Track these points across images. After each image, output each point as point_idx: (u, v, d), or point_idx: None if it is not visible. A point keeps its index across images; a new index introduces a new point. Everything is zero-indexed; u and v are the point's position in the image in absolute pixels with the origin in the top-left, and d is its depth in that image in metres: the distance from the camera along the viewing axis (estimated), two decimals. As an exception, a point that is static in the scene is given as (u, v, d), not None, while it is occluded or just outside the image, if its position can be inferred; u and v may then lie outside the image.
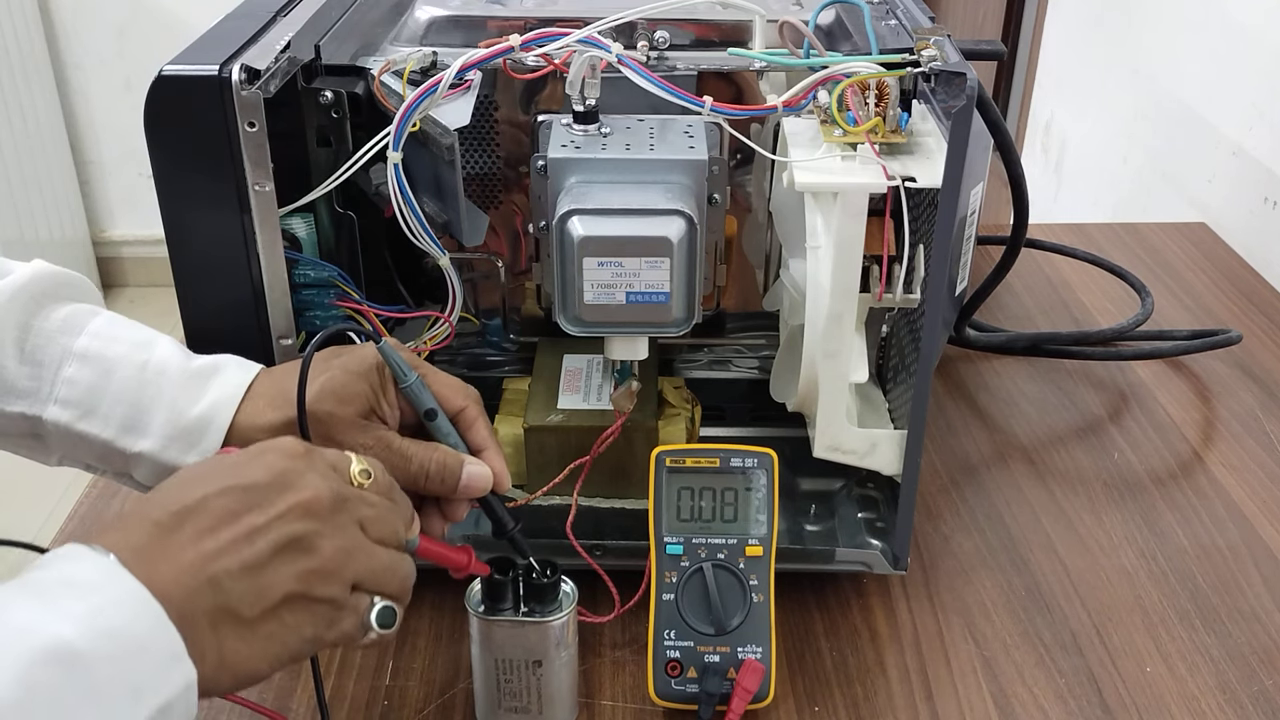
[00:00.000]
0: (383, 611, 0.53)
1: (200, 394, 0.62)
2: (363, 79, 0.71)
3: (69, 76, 2.68)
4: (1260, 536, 0.84)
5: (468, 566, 0.61)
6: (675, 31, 0.78)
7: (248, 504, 0.49)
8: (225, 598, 0.47)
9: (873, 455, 0.74)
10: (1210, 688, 0.72)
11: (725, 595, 0.68)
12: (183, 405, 0.61)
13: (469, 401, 0.65)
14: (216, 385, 0.62)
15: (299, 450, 0.52)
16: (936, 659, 0.74)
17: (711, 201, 0.70)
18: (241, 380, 0.62)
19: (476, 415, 0.65)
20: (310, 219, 0.71)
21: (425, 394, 0.63)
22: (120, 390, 0.61)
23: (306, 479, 0.51)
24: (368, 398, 0.62)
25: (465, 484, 0.63)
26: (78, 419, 0.61)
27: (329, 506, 0.51)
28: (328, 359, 0.63)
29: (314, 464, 0.52)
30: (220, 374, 0.63)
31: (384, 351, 0.62)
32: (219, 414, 0.61)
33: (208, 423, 0.61)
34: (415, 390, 0.63)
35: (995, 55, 0.80)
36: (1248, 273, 1.21)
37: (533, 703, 0.66)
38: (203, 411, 0.61)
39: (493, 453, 0.65)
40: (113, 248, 2.87)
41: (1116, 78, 1.59)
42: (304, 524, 0.50)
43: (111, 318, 0.64)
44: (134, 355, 0.62)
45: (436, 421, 0.63)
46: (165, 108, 0.63)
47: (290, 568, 0.49)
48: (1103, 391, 1.01)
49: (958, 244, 0.70)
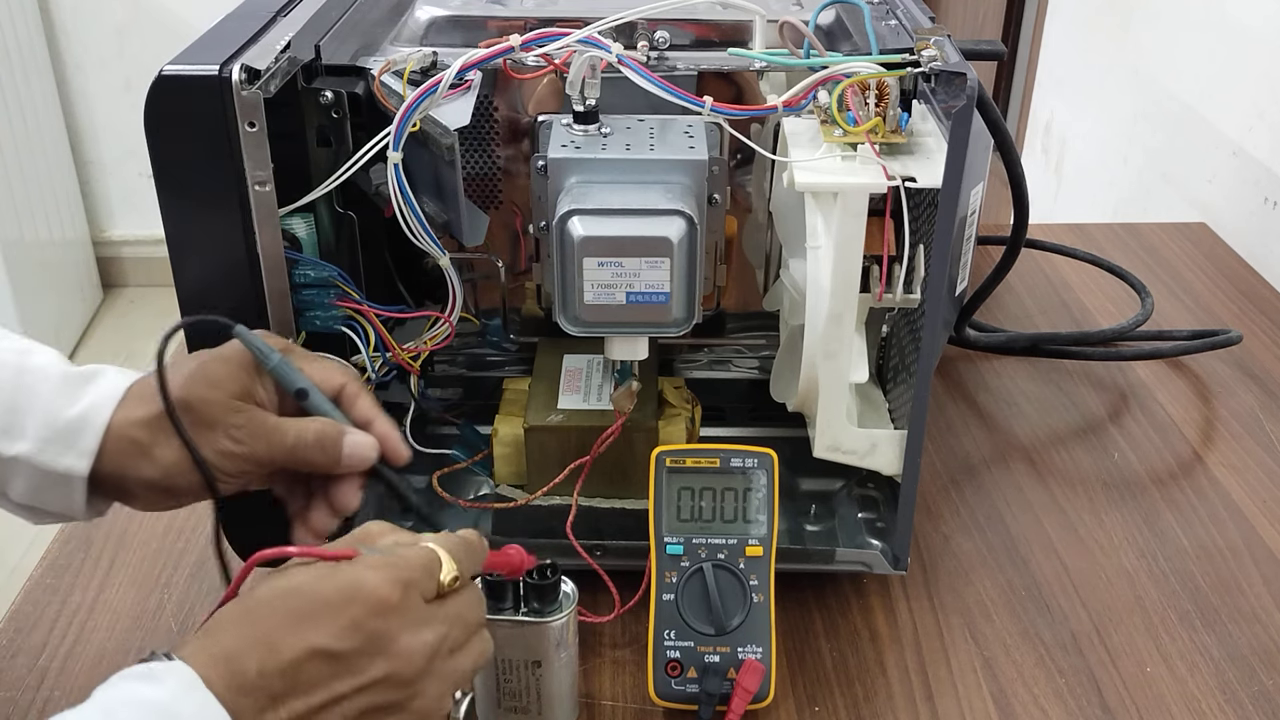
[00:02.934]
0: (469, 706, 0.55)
1: (78, 396, 0.60)
2: (363, 79, 0.71)
3: (69, 76, 2.68)
4: (1260, 536, 0.84)
5: (521, 566, 0.61)
6: (675, 31, 0.78)
7: (336, 671, 0.49)
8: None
9: (873, 455, 0.74)
10: (1210, 688, 0.72)
11: (725, 595, 0.68)
12: (59, 406, 0.60)
13: (347, 379, 0.64)
14: (94, 388, 0.61)
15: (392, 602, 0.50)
16: (936, 659, 0.74)
17: (711, 201, 0.70)
18: (121, 383, 0.61)
19: (358, 390, 0.64)
20: (310, 219, 0.71)
21: (292, 373, 0.62)
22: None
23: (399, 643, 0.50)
24: (240, 380, 0.61)
25: (348, 453, 0.61)
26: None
27: (420, 670, 0.51)
28: (200, 353, 0.62)
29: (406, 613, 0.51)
30: (99, 378, 0.62)
31: (240, 335, 0.61)
32: (97, 415, 0.60)
33: (85, 423, 0.60)
34: (281, 371, 0.61)
35: (995, 55, 0.80)
36: (1248, 273, 1.21)
37: (532, 703, 0.66)
38: (80, 412, 0.60)
39: (380, 422, 0.63)
40: (113, 248, 2.87)
41: (1116, 78, 1.59)
42: (395, 693, 0.50)
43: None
44: (10, 359, 0.61)
45: (310, 399, 0.62)
46: (165, 108, 0.63)
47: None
48: (1103, 391, 1.01)
49: (958, 244, 0.70)
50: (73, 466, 0.59)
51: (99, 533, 0.83)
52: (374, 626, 0.50)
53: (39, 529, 0.68)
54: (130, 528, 0.83)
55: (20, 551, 1.95)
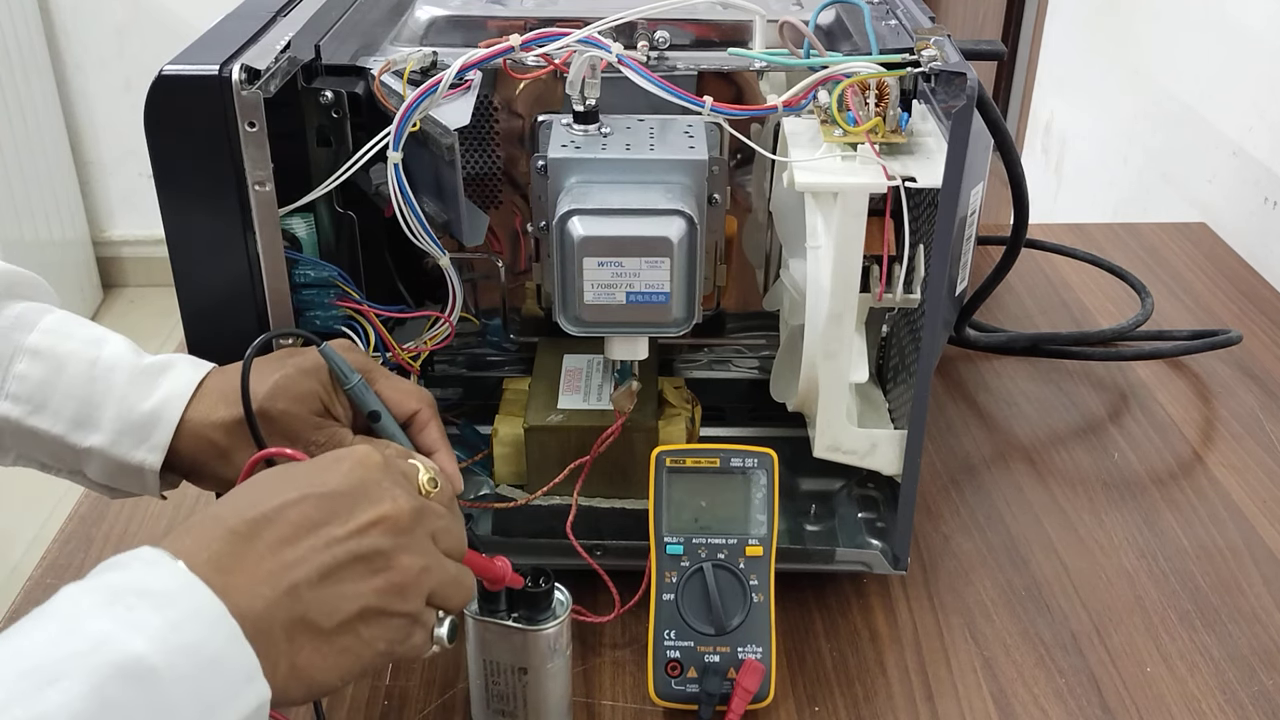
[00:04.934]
0: (452, 626, 0.53)
1: (151, 390, 0.61)
2: (363, 79, 0.71)
3: (69, 76, 2.68)
4: (1260, 536, 0.84)
5: (504, 579, 0.61)
6: (675, 31, 0.78)
7: (327, 513, 0.48)
8: (303, 609, 0.46)
9: (873, 455, 0.74)
10: (1210, 688, 0.72)
11: (725, 595, 0.68)
12: (133, 400, 0.61)
13: (422, 405, 0.65)
14: (167, 381, 0.62)
15: (376, 460, 0.51)
16: (936, 659, 0.74)
17: (711, 201, 0.70)
18: (192, 377, 0.62)
19: (429, 419, 0.65)
20: (310, 219, 0.71)
21: (368, 396, 0.63)
22: (70, 386, 0.61)
23: (385, 490, 0.50)
24: (320, 396, 0.62)
25: None
26: (28, 414, 0.61)
27: (409, 520, 0.50)
28: (282, 359, 0.63)
29: (391, 474, 0.52)
30: (171, 371, 0.63)
31: (325, 354, 0.62)
32: (169, 409, 0.61)
33: (157, 418, 0.61)
34: (358, 393, 0.63)
35: (995, 55, 0.80)
36: (1248, 273, 1.21)
37: (519, 709, 0.65)
38: (153, 407, 0.61)
39: (444, 455, 0.65)
40: (113, 248, 2.87)
41: (1116, 78, 1.59)
42: (384, 538, 0.49)
43: (65, 316, 0.64)
44: (85, 351, 0.62)
45: (380, 423, 0.63)
46: (165, 108, 0.63)
47: (369, 581, 0.49)
48: (1103, 391, 1.01)
49: (958, 244, 0.70)
50: (145, 460, 0.61)
51: (99, 533, 0.83)
52: (361, 474, 0.50)
53: (39, 529, 0.68)
54: (130, 528, 0.83)
55: (20, 551, 1.95)
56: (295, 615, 0.46)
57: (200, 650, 0.43)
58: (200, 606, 0.44)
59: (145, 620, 0.42)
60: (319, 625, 0.47)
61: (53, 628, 0.42)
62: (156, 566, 0.44)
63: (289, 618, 0.46)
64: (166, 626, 0.42)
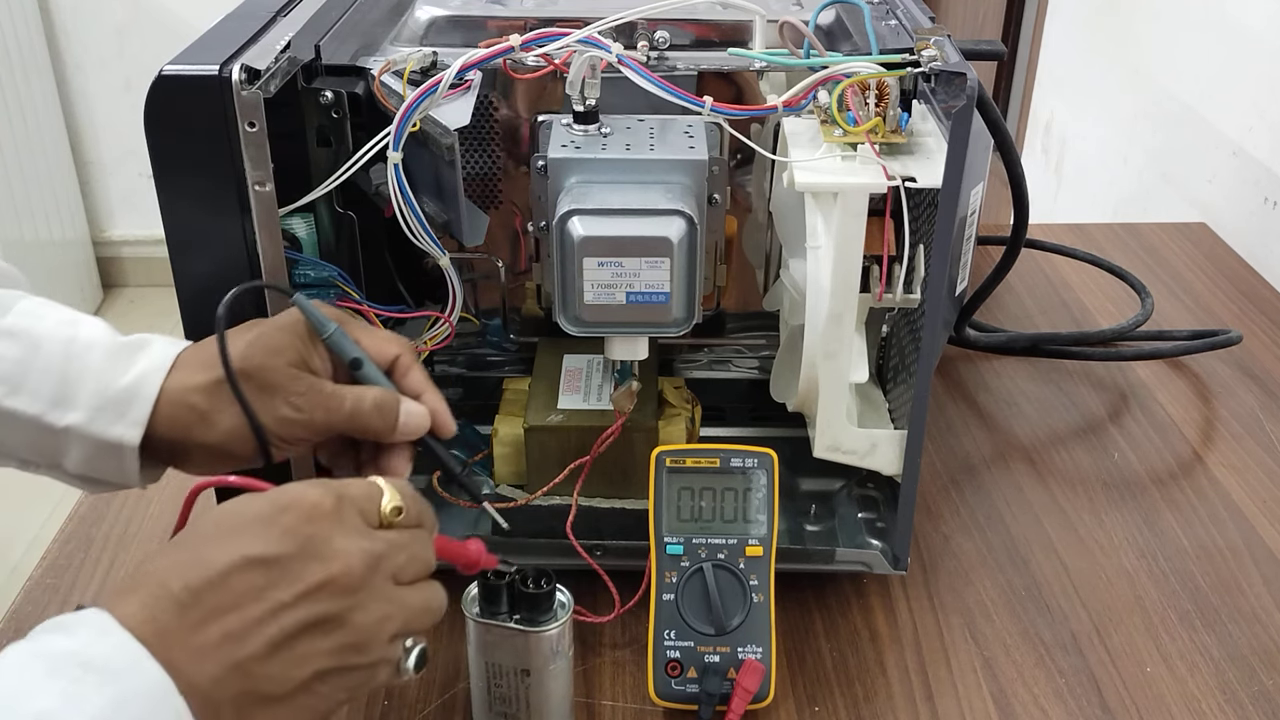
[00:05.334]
0: (419, 656, 0.52)
1: (129, 365, 0.61)
2: (363, 79, 0.71)
3: (69, 76, 2.68)
4: (1260, 536, 0.84)
5: (478, 561, 0.59)
6: (675, 31, 0.78)
7: (272, 579, 0.46)
8: (253, 683, 0.45)
9: (873, 455, 0.74)
10: (1210, 688, 0.72)
11: (725, 595, 0.68)
12: (110, 376, 0.60)
13: (401, 350, 0.64)
14: (145, 357, 0.61)
15: (325, 507, 0.49)
16: (936, 659, 0.74)
17: (711, 201, 0.70)
18: (169, 353, 0.62)
19: (410, 363, 0.64)
20: (310, 219, 0.71)
21: (347, 343, 0.62)
22: (47, 364, 0.60)
23: (335, 547, 0.48)
24: (298, 349, 0.61)
25: (404, 422, 0.61)
26: (5, 396, 0.60)
27: (360, 577, 0.48)
28: (256, 321, 0.62)
29: (342, 521, 0.49)
30: (149, 347, 0.62)
31: (299, 304, 0.61)
32: (147, 383, 0.60)
33: (135, 392, 0.60)
34: (337, 340, 0.62)
35: (995, 55, 0.80)
36: (1248, 273, 1.21)
37: (521, 710, 0.65)
38: (131, 381, 0.60)
39: (431, 395, 0.64)
40: (113, 248, 2.87)
41: (1116, 78, 1.59)
42: (335, 601, 0.48)
43: (40, 301, 0.64)
44: (60, 331, 0.61)
45: (363, 370, 0.62)
46: (165, 108, 0.63)
47: (321, 644, 0.47)
48: (1103, 391, 1.01)
49: (958, 244, 0.70)
50: (124, 435, 0.60)
51: (99, 532, 0.83)
52: (308, 531, 0.48)
53: (39, 529, 0.68)
54: (130, 528, 0.83)
55: (20, 551, 1.95)
56: (245, 689, 0.45)
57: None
58: (147, 684, 0.43)
59: (89, 696, 0.41)
60: (271, 694, 0.46)
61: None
62: (105, 636, 0.43)
63: (239, 692, 0.45)
64: (110, 705, 0.41)
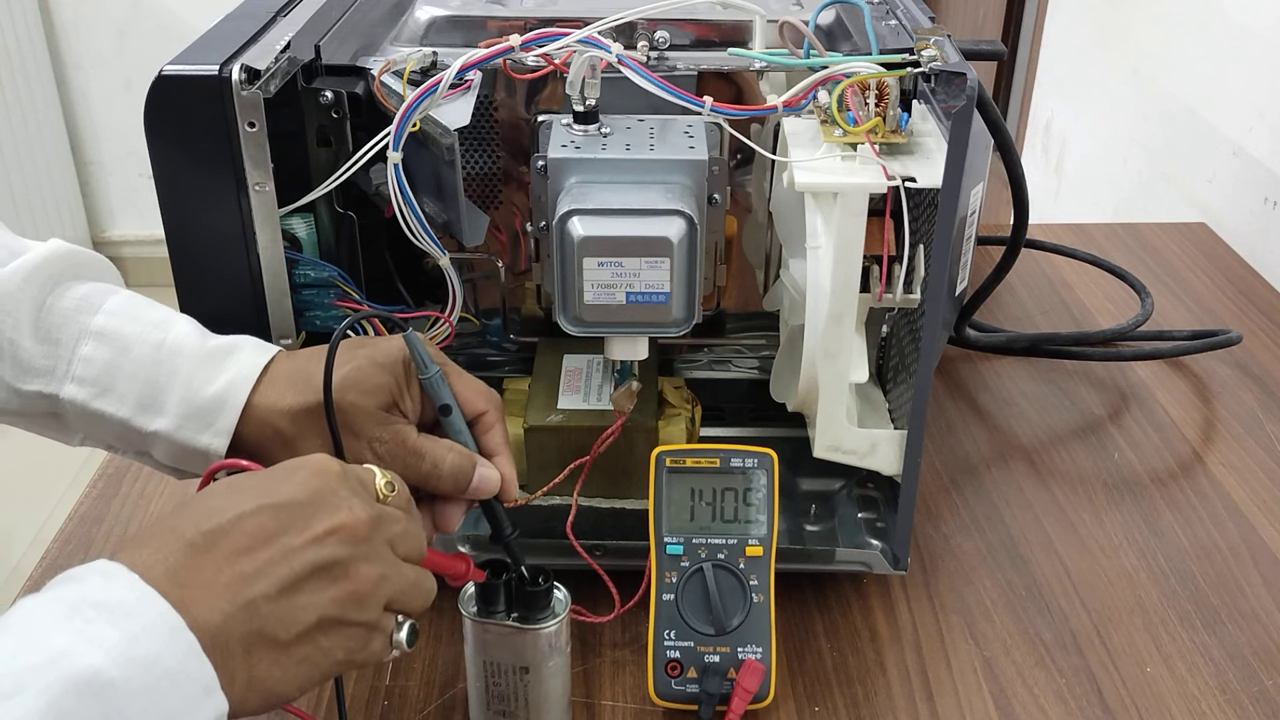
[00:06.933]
0: (410, 630, 0.53)
1: (216, 374, 0.61)
2: (363, 79, 0.71)
3: (69, 76, 2.68)
4: (1260, 536, 0.84)
5: (466, 575, 0.61)
6: (675, 31, 0.78)
7: (283, 524, 0.48)
8: (260, 622, 0.46)
9: (873, 455, 0.74)
10: (1210, 688, 0.72)
11: (725, 595, 0.68)
12: (198, 385, 0.60)
13: (490, 406, 0.64)
14: (232, 365, 0.61)
15: (332, 468, 0.51)
16: (936, 659, 0.74)
17: (711, 201, 0.70)
18: (258, 361, 0.62)
19: (495, 421, 0.64)
20: (310, 219, 0.71)
21: (443, 389, 0.62)
22: (136, 369, 0.61)
23: (342, 499, 0.50)
24: (391, 390, 0.61)
25: (475, 485, 0.62)
26: (94, 397, 0.60)
27: (366, 529, 0.50)
28: (354, 349, 0.62)
29: (348, 482, 0.51)
30: (236, 354, 0.62)
31: (409, 340, 0.61)
32: (234, 394, 0.60)
33: (222, 403, 0.60)
34: (434, 384, 0.62)
35: (995, 55, 0.80)
36: (1248, 273, 1.21)
37: (520, 709, 0.65)
38: (218, 391, 0.60)
39: (504, 459, 0.64)
40: (113, 248, 2.87)
41: (1116, 78, 1.59)
42: (341, 548, 0.49)
43: (130, 296, 0.63)
44: (150, 334, 0.61)
45: (450, 417, 0.63)
46: (165, 108, 0.63)
47: (326, 592, 0.49)
48: (1103, 391, 1.01)
49: (958, 244, 0.70)
50: (210, 444, 0.60)
51: (99, 533, 0.83)
52: (317, 483, 0.50)
53: (39, 529, 0.68)
54: (131, 528, 0.83)
55: (20, 551, 1.95)
56: (253, 628, 0.46)
57: (157, 663, 0.43)
58: (157, 619, 0.43)
59: (102, 634, 0.42)
60: (277, 637, 0.47)
61: (10, 641, 0.42)
62: (113, 579, 0.44)
63: (247, 631, 0.46)
64: (124, 640, 0.42)
